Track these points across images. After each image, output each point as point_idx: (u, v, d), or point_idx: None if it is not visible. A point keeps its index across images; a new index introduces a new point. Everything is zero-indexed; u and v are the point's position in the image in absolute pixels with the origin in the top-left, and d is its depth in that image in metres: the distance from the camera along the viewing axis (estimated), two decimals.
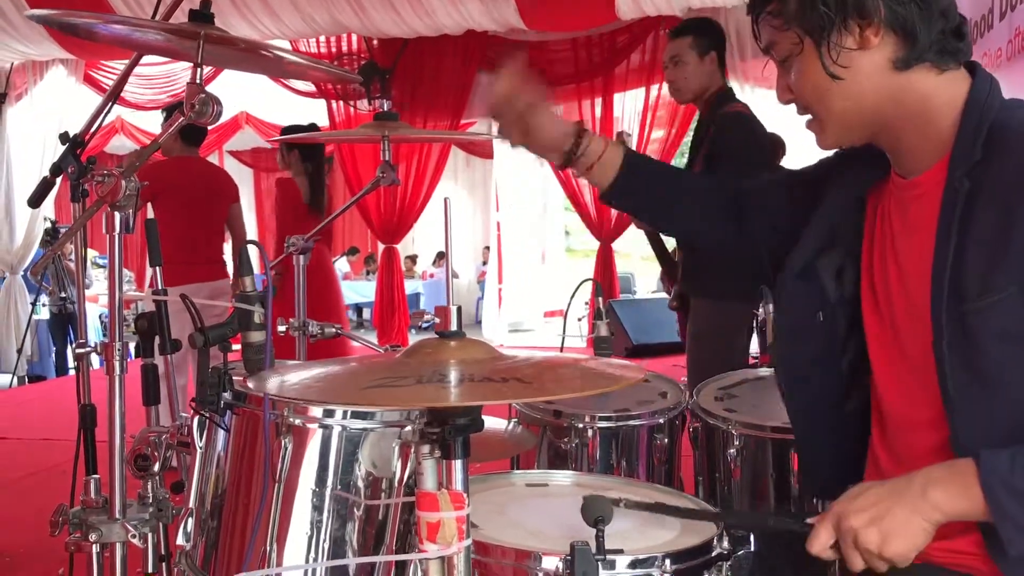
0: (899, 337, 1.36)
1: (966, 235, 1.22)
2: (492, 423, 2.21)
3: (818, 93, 1.31)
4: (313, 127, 5.18)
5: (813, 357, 1.47)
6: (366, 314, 13.12)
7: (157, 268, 2.08)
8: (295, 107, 9.13)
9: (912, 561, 1.20)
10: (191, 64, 1.67)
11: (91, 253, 9.25)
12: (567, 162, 1.59)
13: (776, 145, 5.90)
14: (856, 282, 1.44)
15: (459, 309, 1.15)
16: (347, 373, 1.22)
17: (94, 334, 7.84)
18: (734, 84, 5.70)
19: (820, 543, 1.23)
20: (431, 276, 13.81)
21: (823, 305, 1.45)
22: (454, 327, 1.15)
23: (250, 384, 1.20)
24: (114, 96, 2.07)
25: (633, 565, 1.31)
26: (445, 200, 1.09)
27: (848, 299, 1.44)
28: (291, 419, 1.49)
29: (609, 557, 1.26)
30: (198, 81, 1.62)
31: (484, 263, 12.74)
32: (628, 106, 8.21)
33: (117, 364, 1.73)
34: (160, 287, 2.07)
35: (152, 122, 10.21)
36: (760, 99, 6.61)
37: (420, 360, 1.14)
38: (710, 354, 3.27)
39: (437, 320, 1.15)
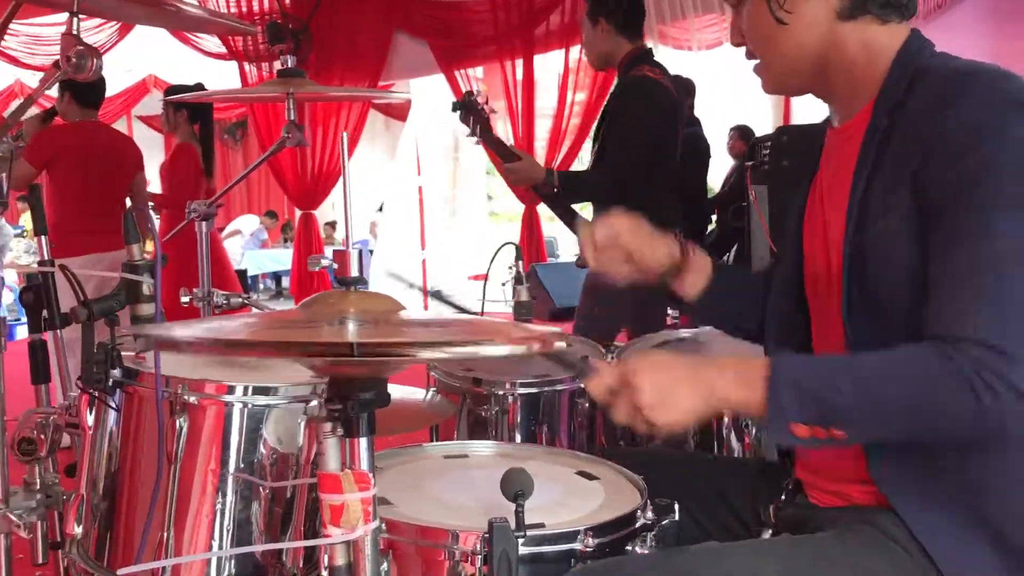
0: (817, 273, 1.41)
1: (878, 167, 1.27)
2: (409, 392, 2.13)
3: (764, 38, 1.36)
4: (200, 87, 4.91)
5: None
6: (285, 283, 12.84)
7: (42, 237, 1.95)
8: (206, 69, 8.78)
9: None
10: (98, 22, 1.53)
11: None
12: (672, 275, 1.57)
13: (687, 90, 5.91)
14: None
15: (359, 253, 1.06)
16: (240, 328, 1.11)
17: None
18: (653, 46, 5.60)
19: (601, 385, 1.24)
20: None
21: None
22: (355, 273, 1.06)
23: (136, 345, 1.08)
24: None
25: (555, 540, 1.25)
26: (343, 135, 1.00)
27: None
28: (186, 397, 1.39)
29: (530, 533, 1.21)
30: (75, 32, 1.49)
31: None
32: (550, 68, 8.10)
33: None
34: (47, 257, 1.94)
35: (54, 86, 9.74)
36: (680, 60, 6.60)
37: (319, 310, 1.05)
38: (598, 309, 3.21)
39: (335, 265, 1.06)
